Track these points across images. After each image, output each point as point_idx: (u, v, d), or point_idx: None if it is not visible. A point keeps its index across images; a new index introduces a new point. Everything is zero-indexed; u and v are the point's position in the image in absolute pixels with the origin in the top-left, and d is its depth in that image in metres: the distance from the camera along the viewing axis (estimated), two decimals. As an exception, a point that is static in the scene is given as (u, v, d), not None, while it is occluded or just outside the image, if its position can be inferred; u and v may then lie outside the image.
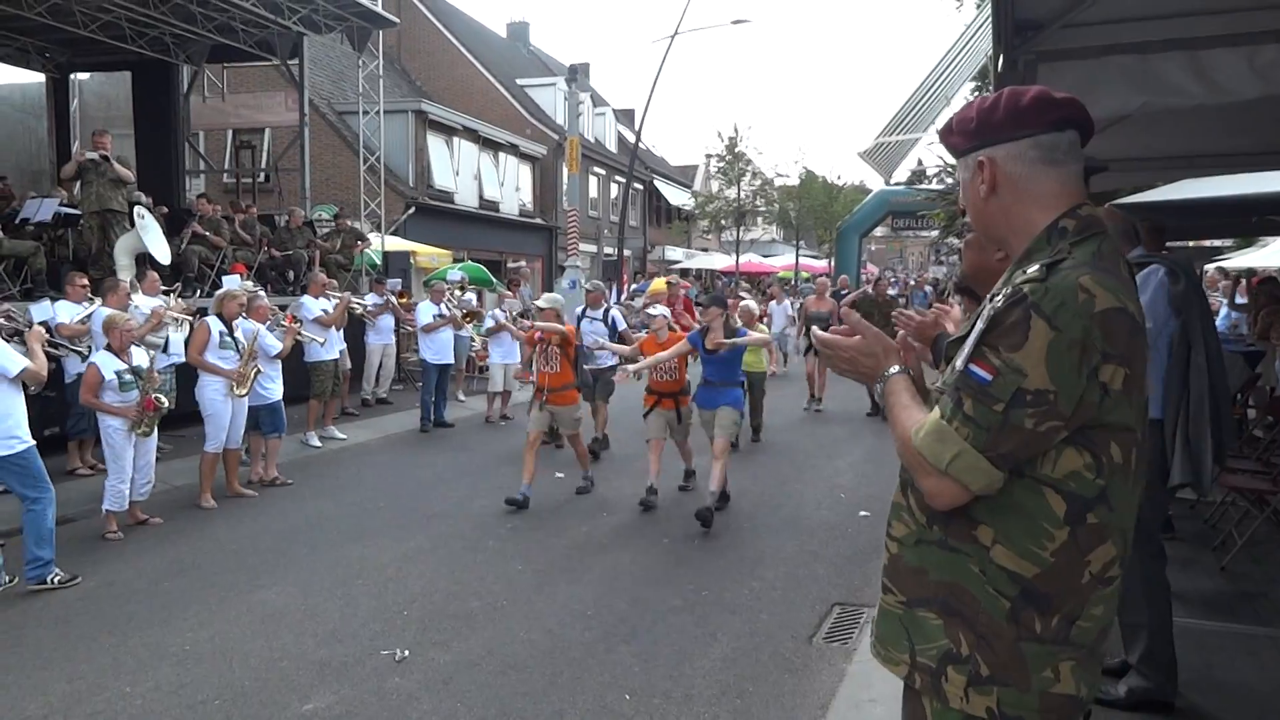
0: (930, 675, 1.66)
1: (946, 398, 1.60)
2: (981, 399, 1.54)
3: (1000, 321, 1.55)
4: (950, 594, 1.64)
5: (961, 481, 1.56)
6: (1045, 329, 1.50)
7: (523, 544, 6.53)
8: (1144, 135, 5.08)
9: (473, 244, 23.86)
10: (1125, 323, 1.54)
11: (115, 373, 6.66)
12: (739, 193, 34.93)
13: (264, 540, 6.59)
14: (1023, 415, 1.52)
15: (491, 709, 4.08)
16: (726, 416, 7.17)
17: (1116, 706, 3.59)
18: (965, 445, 1.54)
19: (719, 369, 7.33)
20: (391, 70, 23.42)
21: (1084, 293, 1.51)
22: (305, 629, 4.96)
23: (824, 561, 6.17)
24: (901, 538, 1.74)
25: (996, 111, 1.70)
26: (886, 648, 1.76)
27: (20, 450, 5.59)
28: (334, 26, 14.23)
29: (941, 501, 1.60)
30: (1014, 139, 1.68)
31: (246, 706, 4.09)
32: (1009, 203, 1.71)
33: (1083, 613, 1.60)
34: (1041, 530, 1.57)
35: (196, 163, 17.47)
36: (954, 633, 1.64)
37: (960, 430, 1.55)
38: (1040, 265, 1.58)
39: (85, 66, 15.89)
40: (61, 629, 5.01)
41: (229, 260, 12.03)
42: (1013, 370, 1.52)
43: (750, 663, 4.57)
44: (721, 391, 7.30)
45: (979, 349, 1.56)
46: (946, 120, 1.84)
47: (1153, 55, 3.75)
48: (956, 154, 1.80)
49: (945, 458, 1.55)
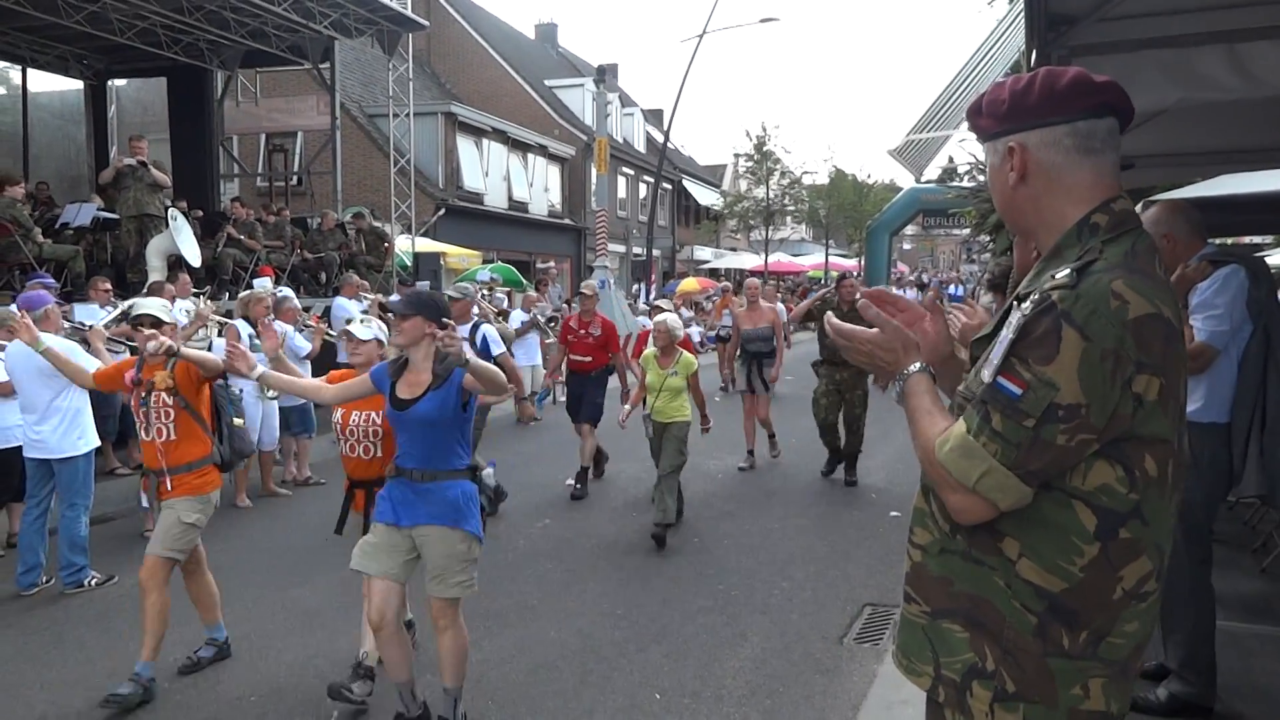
0: (955, 689, 1.59)
1: (972, 410, 1.51)
2: (1011, 414, 1.46)
3: (1030, 332, 1.46)
4: (975, 606, 1.57)
5: (990, 499, 1.49)
6: (1077, 339, 1.42)
7: (553, 543, 6.55)
8: (1181, 130, 5.00)
9: (502, 245, 24.00)
10: (1160, 329, 1.45)
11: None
12: (767, 192, 34.84)
13: (297, 539, 6.66)
14: (1054, 431, 1.44)
15: (522, 707, 4.10)
16: (440, 545, 3.56)
17: (1155, 712, 3.52)
18: (993, 462, 1.46)
19: (421, 440, 3.61)
20: (421, 73, 23.62)
21: (1117, 299, 1.43)
22: (339, 627, 5.01)
23: (855, 562, 6.13)
24: (925, 545, 1.67)
25: (1031, 93, 1.58)
26: (909, 658, 1.69)
27: (88, 450, 5.77)
28: (364, 30, 14.35)
29: (967, 518, 1.54)
30: (1048, 124, 1.57)
31: (282, 703, 4.14)
32: (1039, 193, 1.61)
33: (1114, 629, 1.52)
34: (1071, 545, 1.50)
35: (231, 167, 17.70)
36: (979, 646, 1.57)
37: (988, 446, 1.47)
38: (1070, 270, 1.48)
39: (122, 73, 16.15)
40: (102, 625, 5.10)
41: (262, 263, 12.19)
42: (1044, 384, 1.43)
43: (781, 663, 4.56)
44: (423, 493, 3.58)
45: (1008, 361, 1.47)
46: (975, 99, 1.72)
47: (1190, 48, 3.69)
48: (984, 137, 1.69)
49: (973, 475, 1.48)
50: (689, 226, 38.96)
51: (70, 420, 5.67)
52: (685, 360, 6.78)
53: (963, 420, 1.53)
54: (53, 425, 5.63)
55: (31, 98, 15.43)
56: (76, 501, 5.70)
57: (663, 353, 6.80)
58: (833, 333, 1.77)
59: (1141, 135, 4.71)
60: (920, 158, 9.43)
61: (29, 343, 4.81)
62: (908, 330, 1.71)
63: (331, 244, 13.46)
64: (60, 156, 17.24)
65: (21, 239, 9.48)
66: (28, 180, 13.22)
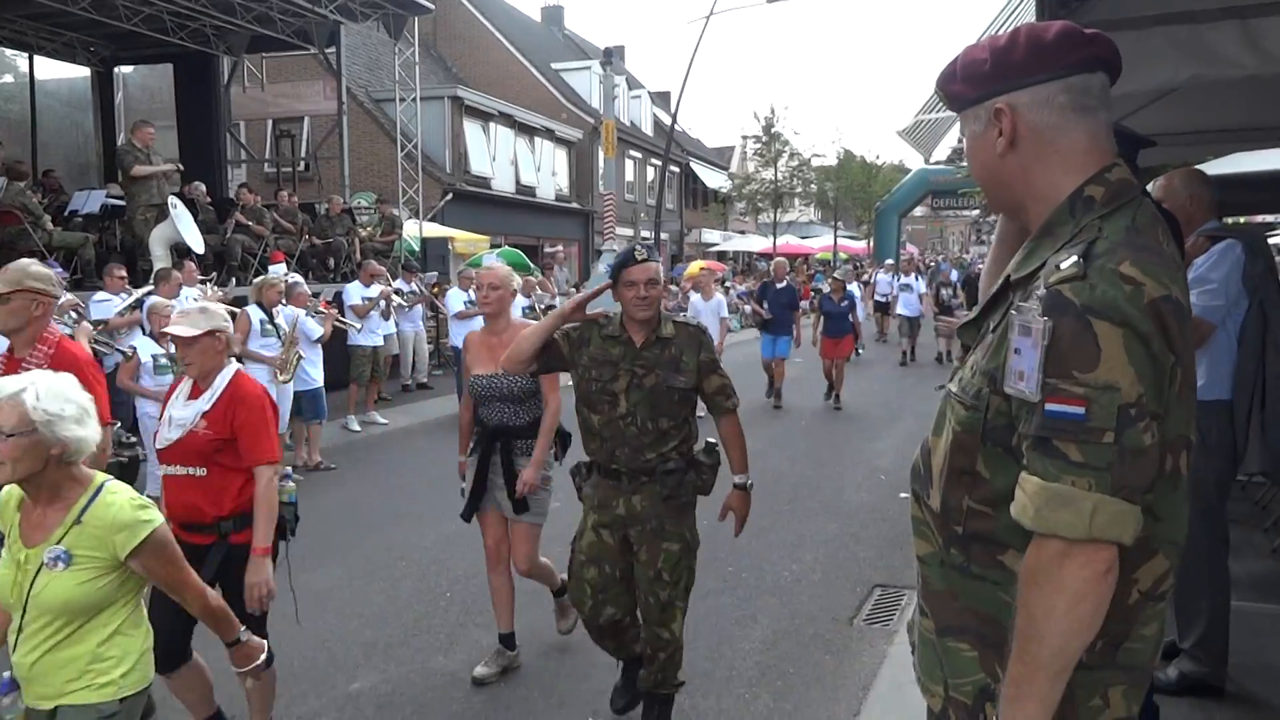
0: (965, 712, 1.48)
1: (1034, 456, 1.31)
2: (1085, 438, 1.28)
3: (1058, 343, 1.29)
4: (983, 624, 1.45)
5: (1111, 538, 1.28)
6: (1111, 330, 1.27)
7: (563, 526, 6.53)
8: (1193, 108, 4.96)
9: (510, 229, 23.97)
10: (1174, 311, 1.32)
11: (152, 355, 6.84)
12: (776, 174, 34.69)
13: (309, 524, 6.65)
14: (1137, 435, 1.28)
15: (535, 689, 4.12)
16: None
17: (1167, 691, 3.52)
18: (1096, 496, 1.27)
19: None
20: (427, 57, 23.52)
21: (1129, 283, 1.30)
22: (351, 611, 5.05)
23: (864, 543, 6.14)
24: (925, 557, 1.56)
25: (1016, 49, 1.43)
26: (926, 676, 1.58)
27: None
28: (370, 14, 14.30)
29: (1106, 567, 1.30)
30: (1038, 81, 1.42)
31: (296, 685, 4.18)
32: (1029, 160, 1.45)
33: (1131, 633, 1.41)
34: None
35: (238, 153, 17.71)
36: (990, 666, 1.45)
37: (1079, 483, 1.28)
38: (1074, 259, 1.33)
39: (129, 60, 16.14)
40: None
41: (271, 249, 12.20)
42: (1104, 390, 1.27)
43: (791, 644, 4.57)
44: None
45: (1047, 384, 1.30)
46: (947, 66, 1.54)
47: (1203, 24, 3.64)
48: (962, 105, 1.52)
49: (1084, 523, 1.27)
50: (697, 209, 38.84)
51: None
52: None
53: (1033, 476, 1.32)
54: None
55: (39, 85, 15.45)
56: None
57: None
58: None
59: (1154, 112, 4.67)
60: (929, 138, 9.37)
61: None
62: None
63: (339, 229, 13.47)
64: (68, 144, 17.27)
65: (31, 227, 9.51)
66: (35, 168, 13.28)
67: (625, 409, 3.32)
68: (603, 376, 3.34)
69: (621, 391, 3.32)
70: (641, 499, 3.42)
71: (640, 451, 3.34)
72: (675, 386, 3.33)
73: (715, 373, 3.43)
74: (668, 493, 3.38)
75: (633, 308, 3.30)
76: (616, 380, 3.32)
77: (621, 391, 3.32)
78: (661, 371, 3.32)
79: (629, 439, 3.33)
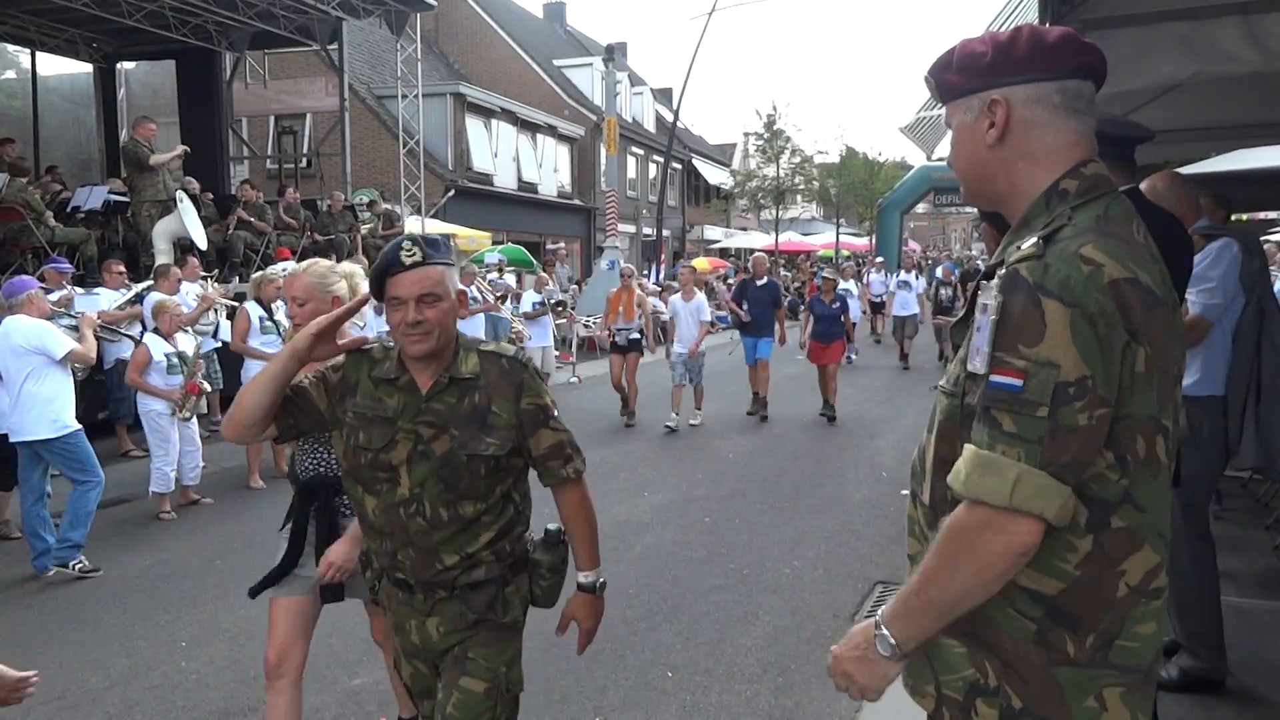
0: (958, 710, 1.48)
1: (978, 424, 1.36)
2: (1019, 410, 1.31)
3: (1008, 316, 1.34)
4: (970, 619, 1.44)
5: (1033, 511, 1.31)
6: (1059, 309, 1.30)
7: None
8: (1196, 104, 4.96)
9: (512, 226, 23.97)
10: (1139, 295, 1.34)
11: (164, 355, 6.83)
12: (778, 171, 34.65)
13: (311, 520, 6.71)
14: (1071, 413, 1.30)
15: (535, 685, 4.12)
16: None
17: (1168, 688, 3.53)
18: (1021, 467, 1.31)
19: None
20: (429, 53, 23.53)
21: (1088, 264, 1.33)
22: (352, 607, 5.04)
23: (866, 540, 6.14)
24: (914, 555, 1.57)
25: (1017, 46, 1.47)
26: (913, 677, 1.56)
27: (64, 435, 5.65)
28: (372, 10, 14.30)
29: (1021, 544, 1.33)
30: (1035, 80, 1.46)
31: (297, 681, 4.17)
32: (1014, 155, 1.49)
33: (1123, 630, 1.40)
34: (1062, 541, 1.37)
35: (240, 149, 17.71)
36: (979, 661, 1.45)
37: (1008, 453, 1.31)
38: (1036, 239, 1.38)
39: (131, 56, 16.15)
40: (119, 606, 5.15)
41: (273, 245, 12.21)
42: (1043, 366, 1.30)
43: (792, 641, 4.58)
44: None
45: (995, 356, 1.34)
46: (941, 56, 1.57)
47: (1206, 21, 3.64)
48: (952, 94, 1.55)
49: (1005, 491, 1.31)
50: (699, 206, 38.82)
51: (41, 403, 5.58)
52: None
53: (970, 443, 1.37)
54: (27, 408, 5.56)
55: (41, 81, 15.46)
56: (80, 478, 5.64)
57: None
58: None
59: (1157, 109, 4.67)
60: (931, 135, 9.36)
61: None
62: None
63: (341, 226, 13.48)
64: (70, 140, 17.28)
65: (34, 223, 9.52)
66: (38, 164, 13.29)
67: (407, 490, 2.23)
68: (373, 442, 2.23)
69: (401, 464, 2.22)
70: (440, 623, 2.33)
71: (432, 556, 2.25)
72: (481, 454, 2.22)
73: (546, 426, 2.30)
74: (476, 616, 2.31)
75: (403, 340, 2.19)
76: (393, 447, 2.22)
77: (401, 464, 2.22)
78: (459, 431, 2.21)
79: (414, 536, 2.24)
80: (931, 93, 1.63)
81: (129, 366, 6.94)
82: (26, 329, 5.60)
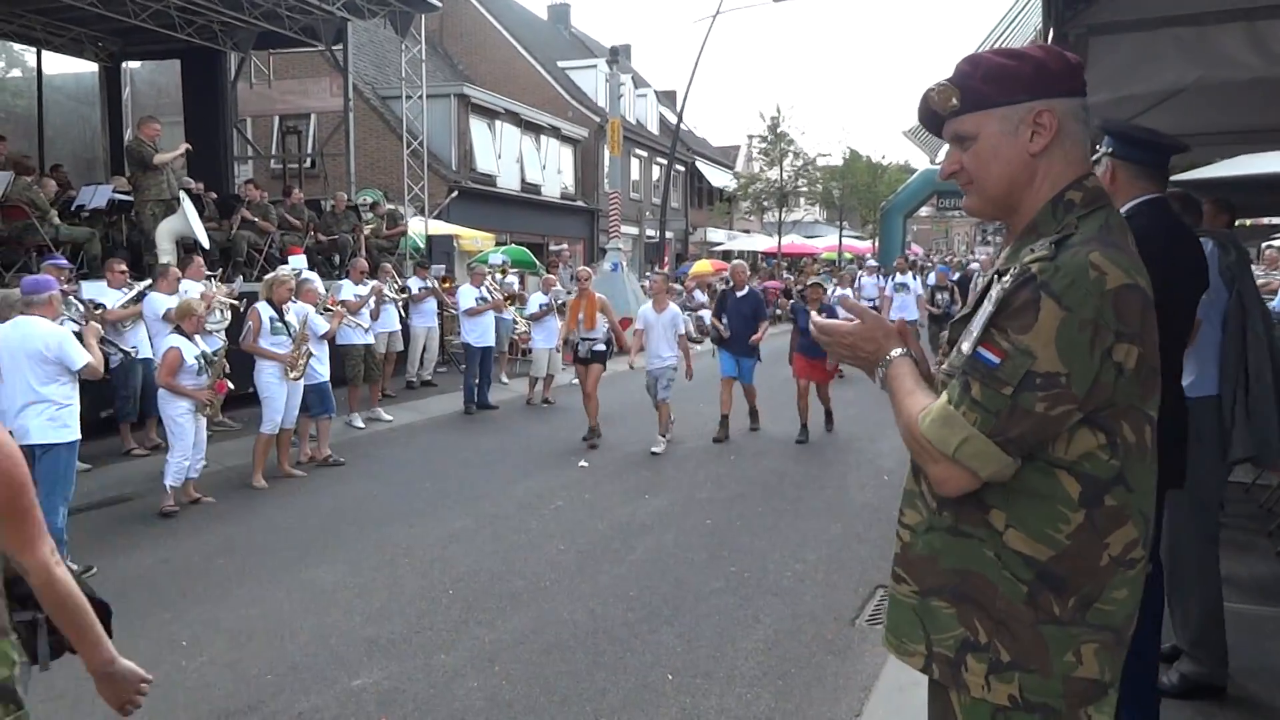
0: (949, 665, 1.63)
1: (954, 382, 1.55)
2: (989, 382, 1.49)
3: (1009, 303, 1.50)
4: (962, 581, 1.60)
5: (970, 468, 1.51)
6: (1055, 309, 1.46)
7: (566, 525, 6.58)
8: (1200, 109, 4.94)
9: (515, 227, 23.97)
10: (1138, 300, 1.49)
11: (195, 357, 6.87)
12: (781, 173, 34.64)
13: (313, 520, 6.72)
14: (1032, 399, 1.47)
15: (535, 687, 4.13)
16: None
17: (1170, 694, 3.52)
18: (973, 430, 1.49)
19: None
20: (434, 54, 23.55)
21: (1095, 270, 1.46)
22: (354, 607, 5.06)
23: (867, 544, 6.14)
24: (913, 525, 1.72)
25: (1054, 62, 1.60)
26: (900, 638, 1.72)
27: (70, 440, 5.65)
28: (377, 11, 14.32)
29: (949, 488, 1.56)
30: (1070, 94, 1.60)
31: (298, 681, 4.19)
32: (1047, 163, 1.60)
33: (1102, 595, 1.55)
34: (1056, 513, 1.53)
35: (245, 149, 17.74)
36: (969, 620, 1.60)
37: (968, 415, 1.50)
38: (1049, 243, 1.52)
39: (136, 55, 16.19)
40: (120, 605, 5.10)
41: (277, 245, 12.22)
42: (1021, 353, 1.47)
43: (793, 644, 4.57)
44: None
45: (988, 332, 1.51)
46: (964, 68, 1.64)
47: (1209, 26, 3.64)
48: (984, 103, 1.60)
49: (952, 443, 1.51)
50: (702, 208, 38.81)
51: (57, 408, 5.55)
52: None
53: (945, 393, 1.56)
54: (38, 411, 5.52)
55: (46, 80, 15.50)
56: (54, 493, 5.47)
57: None
58: (815, 330, 1.80)
59: (1160, 115, 4.66)
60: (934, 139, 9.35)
61: None
62: (886, 320, 1.77)
63: (345, 226, 13.50)
64: (75, 139, 17.33)
65: (38, 221, 9.54)
66: (42, 162, 13.32)
67: None
68: None
69: None
70: None
71: None
72: None
73: None
74: None
75: None
76: None
77: None
78: None
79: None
80: (943, 104, 1.65)
81: (161, 370, 6.94)
82: (47, 335, 5.54)
